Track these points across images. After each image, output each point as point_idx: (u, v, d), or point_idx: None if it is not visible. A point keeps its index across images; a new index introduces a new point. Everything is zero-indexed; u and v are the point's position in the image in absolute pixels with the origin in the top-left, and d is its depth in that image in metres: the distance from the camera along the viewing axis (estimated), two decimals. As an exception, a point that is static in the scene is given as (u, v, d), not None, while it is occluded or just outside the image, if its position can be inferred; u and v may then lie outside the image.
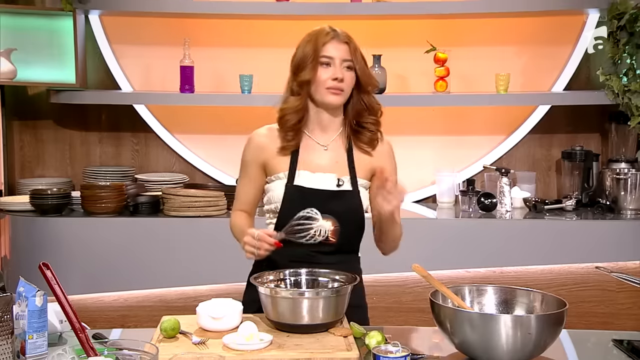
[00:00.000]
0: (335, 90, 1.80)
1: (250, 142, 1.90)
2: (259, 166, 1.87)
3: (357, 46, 1.83)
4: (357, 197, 1.83)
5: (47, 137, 3.55)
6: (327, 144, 1.86)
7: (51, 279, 1.43)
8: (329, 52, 1.80)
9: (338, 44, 1.81)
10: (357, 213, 1.83)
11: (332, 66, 1.80)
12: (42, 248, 3.03)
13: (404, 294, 3.03)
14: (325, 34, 1.82)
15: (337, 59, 1.80)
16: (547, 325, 1.46)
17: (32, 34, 3.32)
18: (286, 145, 1.84)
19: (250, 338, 1.52)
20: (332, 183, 1.82)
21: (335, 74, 1.79)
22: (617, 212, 3.16)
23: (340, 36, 1.82)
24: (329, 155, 1.86)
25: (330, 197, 1.80)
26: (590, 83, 3.41)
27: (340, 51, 1.81)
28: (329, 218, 1.72)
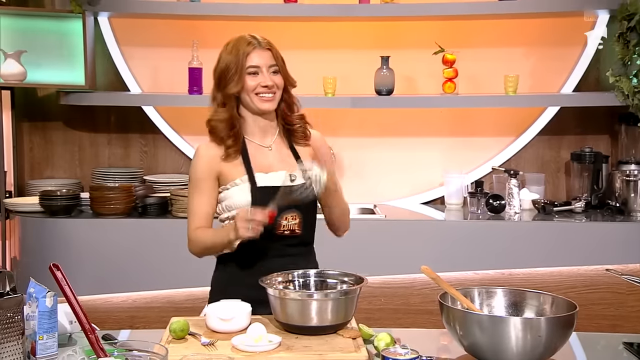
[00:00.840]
0: (266, 96, 1.86)
1: (199, 154, 1.92)
2: (213, 179, 1.89)
3: (277, 49, 1.89)
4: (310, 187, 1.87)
5: (57, 138, 3.57)
6: (269, 144, 1.92)
7: (61, 280, 1.43)
8: (254, 61, 1.85)
9: (261, 51, 1.86)
10: (313, 202, 1.89)
11: (260, 74, 1.85)
12: (51, 249, 3.05)
13: (413, 296, 3.02)
14: (247, 43, 1.86)
15: (264, 66, 1.85)
16: (557, 327, 1.46)
17: (42, 36, 3.34)
18: (229, 151, 1.87)
19: (259, 339, 1.52)
20: (286, 180, 1.87)
21: (264, 82, 1.85)
22: (627, 214, 3.15)
23: (262, 44, 1.87)
24: (275, 155, 1.92)
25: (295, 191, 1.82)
26: (600, 84, 3.40)
27: (265, 58, 1.86)
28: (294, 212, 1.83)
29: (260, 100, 1.86)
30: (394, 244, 3.03)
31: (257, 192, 1.84)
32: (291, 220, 1.85)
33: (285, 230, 1.85)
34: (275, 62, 1.87)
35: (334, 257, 2.01)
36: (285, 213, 1.83)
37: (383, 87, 3.28)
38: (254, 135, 1.91)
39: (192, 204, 1.91)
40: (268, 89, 1.85)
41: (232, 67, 1.85)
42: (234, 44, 1.88)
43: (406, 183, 3.48)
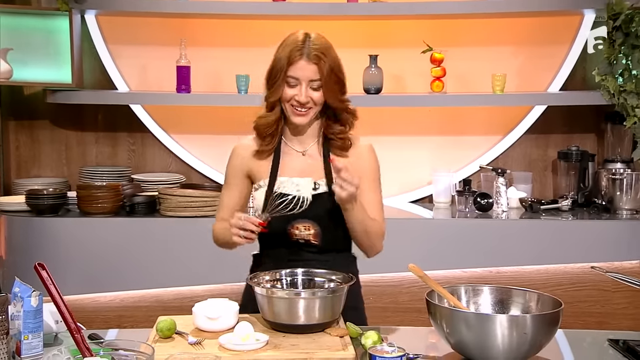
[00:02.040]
0: (298, 110, 1.80)
1: (234, 152, 1.94)
2: (244, 174, 1.90)
3: (330, 63, 1.77)
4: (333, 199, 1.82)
5: (43, 137, 3.55)
6: (304, 150, 1.89)
7: (47, 279, 1.43)
8: (295, 72, 1.77)
9: (306, 63, 1.76)
10: (336, 215, 1.81)
11: (298, 86, 1.78)
12: (38, 248, 3.03)
13: (401, 294, 3.03)
14: (295, 49, 1.77)
15: (304, 80, 1.77)
16: (543, 325, 1.47)
17: (29, 33, 3.31)
18: (263, 149, 1.87)
19: (247, 338, 1.52)
20: (309, 187, 1.84)
21: (299, 97, 1.78)
22: (613, 212, 3.17)
23: (310, 55, 1.76)
24: (306, 161, 1.88)
25: (310, 201, 1.82)
26: (586, 83, 3.42)
27: (308, 71, 1.77)
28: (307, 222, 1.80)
29: (293, 112, 1.80)
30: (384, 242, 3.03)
31: (270, 198, 1.83)
32: (304, 230, 1.81)
33: (299, 239, 1.82)
34: (319, 78, 1.76)
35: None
36: (296, 222, 1.80)
37: (371, 85, 3.29)
38: (292, 139, 1.88)
39: (222, 195, 1.95)
40: (300, 104, 1.78)
41: (276, 70, 1.79)
42: (286, 43, 1.80)
43: (394, 181, 3.49)
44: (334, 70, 1.79)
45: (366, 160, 1.90)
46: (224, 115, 3.49)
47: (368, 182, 1.87)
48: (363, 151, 1.90)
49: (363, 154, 1.90)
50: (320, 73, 1.77)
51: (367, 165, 1.89)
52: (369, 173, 1.89)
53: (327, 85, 1.78)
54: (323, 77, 1.77)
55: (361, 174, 1.81)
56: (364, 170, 1.86)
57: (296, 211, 1.77)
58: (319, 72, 1.77)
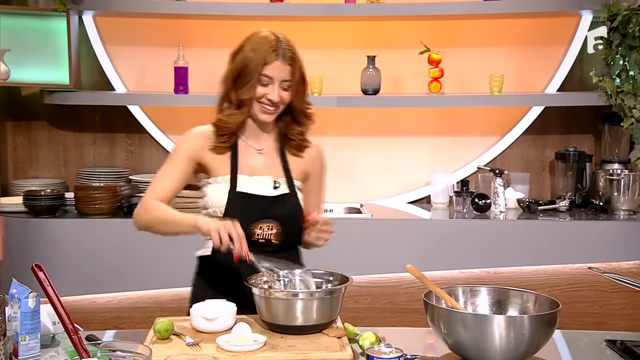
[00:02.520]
0: (267, 108, 1.82)
1: (190, 136, 1.90)
2: (194, 162, 1.87)
3: (300, 65, 1.82)
4: (295, 198, 1.88)
5: (41, 138, 3.54)
6: (261, 148, 1.90)
7: (44, 281, 1.42)
8: (270, 72, 1.79)
9: (282, 64, 1.79)
10: (296, 215, 1.86)
11: (270, 85, 1.80)
12: (35, 249, 3.02)
13: (399, 295, 3.03)
14: (271, 50, 1.78)
15: (277, 79, 1.80)
16: (540, 325, 1.47)
17: (26, 34, 3.31)
18: (220, 146, 1.86)
19: (244, 339, 1.52)
20: (269, 186, 1.85)
21: (271, 95, 1.80)
22: (610, 212, 3.18)
23: (285, 55, 1.79)
24: (264, 159, 1.89)
25: (271, 202, 1.83)
26: (584, 84, 3.43)
27: (282, 72, 1.79)
28: (271, 222, 1.81)
29: (261, 110, 1.82)
30: (380, 243, 3.04)
31: (234, 197, 1.82)
32: (266, 230, 1.82)
33: (260, 239, 1.81)
34: (290, 79, 1.80)
35: (320, 256, 2.01)
36: (260, 222, 1.80)
37: (369, 86, 3.29)
38: (249, 136, 1.88)
39: (158, 175, 1.88)
40: (271, 103, 1.81)
41: (249, 69, 1.79)
42: (258, 43, 1.80)
43: (392, 182, 3.49)
44: (302, 73, 1.84)
45: (317, 163, 1.96)
46: (221, 116, 3.49)
47: (315, 184, 1.96)
48: (315, 153, 1.95)
49: (315, 156, 1.95)
50: (292, 74, 1.81)
51: (318, 167, 1.97)
52: (318, 175, 1.97)
53: (296, 86, 1.83)
54: (295, 78, 1.81)
55: (311, 175, 1.93)
56: (314, 172, 1.95)
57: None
58: (291, 73, 1.80)
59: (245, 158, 1.87)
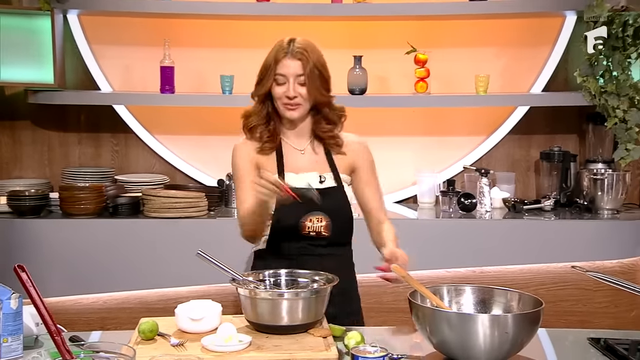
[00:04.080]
0: (289, 106, 1.90)
1: (238, 149, 2.00)
2: (253, 165, 1.95)
3: (313, 60, 1.89)
4: (342, 191, 1.95)
5: (25, 137, 3.51)
6: (303, 148, 1.97)
7: (27, 281, 1.41)
8: (282, 69, 1.89)
9: (291, 60, 1.88)
10: (345, 207, 1.95)
11: (286, 83, 1.89)
12: (19, 250, 3.00)
13: (385, 294, 3.03)
14: (280, 49, 1.90)
15: (290, 76, 1.89)
16: (524, 324, 1.48)
17: (10, 33, 3.27)
18: (264, 146, 1.94)
19: (229, 339, 1.52)
20: (315, 180, 1.92)
21: (287, 92, 1.89)
22: (595, 212, 3.20)
23: (294, 52, 1.89)
24: (308, 157, 1.97)
25: (322, 194, 1.87)
26: (568, 84, 3.45)
27: (293, 68, 1.88)
28: (320, 214, 1.88)
29: (285, 108, 1.91)
30: (367, 242, 3.03)
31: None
32: (316, 222, 1.89)
33: (310, 231, 1.89)
34: (303, 73, 1.88)
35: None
36: (309, 215, 1.88)
37: (356, 86, 3.29)
38: (289, 137, 1.98)
39: (238, 193, 1.96)
40: (289, 99, 1.89)
41: (265, 70, 1.92)
42: (274, 46, 1.93)
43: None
44: (316, 66, 1.90)
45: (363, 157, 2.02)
46: (208, 116, 3.48)
47: (367, 178, 2.01)
48: (358, 146, 2.02)
49: (359, 149, 2.02)
50: (303, 68, 1.88)
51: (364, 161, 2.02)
52: (366, 169, 2.02)
53: (310, 79, 1.88)
54: (306, 72, 1.88)
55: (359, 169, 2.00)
56: (361, 167, 2.01)
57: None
58: (302, 67, 1.88)
59: (290, 157, 1.95)
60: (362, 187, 2.00)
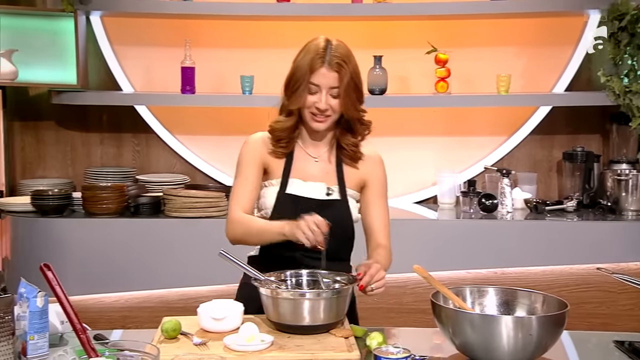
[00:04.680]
0: (317, 118, 1.81)
1: (249, 142, 1.91)
2: (260, 166, 1.88)
3: (350, 71, 1.78)
4: (345, 206, 1.85)
5: (48, 138, 3.56)
6: (318, 155, 1.89)
7: (52, 280, 1.43)
8: (316, 79, 1.78)
9: (327, 71, 1.77)
10: (346, 222, 1.85)
11: (318, 93, 1.79)
12: (43, 249, 3.04)
13: (405, 295, 3.02)
14: (318, 57, 1.77)
15: (324, 87, 1.78)
16: (548, 326, 1.46)
17: (34, 35, 3.32)
18: (279, 150, 1.87)
19: (251, 339, 1.52)
20: (322, 192, 1.85)
21: (318, 104, 1.78)
22: (619, 213, 3.16)
23: (332, 62, 1.76)
24: (320, 166, 1.89)
25: (320, 205, 1.82)
26: (592, 84, 3.41)
27: (329, 79, 1.77)
28: None
29: (312, 118, 1.81)
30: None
31: (282, 199, 1.83)
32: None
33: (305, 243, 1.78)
34: (338, 85, 1.77)
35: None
36: None
37: (376, 86, 3.28)
38: (307, 143, 1.89)
39: (235, 188, 1.88)
40: (320, 111, 1.79)
41: (297, 77, 1.80)
42: (308, 50, 1.80)
43: (399, 182, 3.48)
44: (353, 79, 1.79)
45: (375, 173, 1.92)
46: (228, 116, 3.50)
47: (375, 195, 1.90)
48: (372, 163, 1.92)
49: (373, 166, 1.92)
50: (340, 81, 1.77)
51: (376, 178, 1.92)
52: (381, 186, 1.92)
53: (346, 93, 1.78)
54: (342, 85, 1.77)
55: (369, 185, 1.89)
56: (372, 183, 1.90)
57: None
58: (339, 80, 1.77)
59: (301, 164, 1.87)
60: (368, 205, 1.89)
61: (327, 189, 1.85)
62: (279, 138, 1.87)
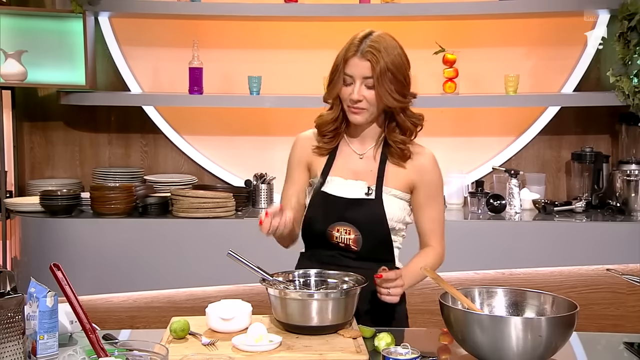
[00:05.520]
0: (353, 109, 1.75)
1: (296, 142, 1.90)
2: (305, 166, 1.87)
3: (386, 60, 1.69)
4: (379, 206, 1.77)
5: (57, 138, 3.57)
6: (363, 152, 1.83)
7: (62, 280, 1.43)
8: (349, 69, 1.72)
9: (359, 60, 1.70)
10: (379, 222, 1.77)
11: (353, 85, 1.73)
12: (51, 249, 3.05)
13: (413, 296, 2.99)
14: (352, 46, 1.72)
15: (358, 77, 1.72)
16: (558, 327, 1.45)
17: (42, 36, 3.34)
18: (323, 145, 1.84)
19: (260, 339, 1.52)
20: (361, 191, 1.79)
21: (352, 95, 1.73)
22: (628, 213, 3.15)
23: (364, 51, 1.70)
24: (364, 164, 1.82)
25: (352, 205, 1.77)
26: (600, 84, 3.40)
27: (360, 68, 1.71)
28: (347, 226, 1.77)
29: (349, 111, 1.75)
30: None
31: (316, 196, 1.81)
32: (344, 234, 1.77)
33: (339, 242, 1.78)
34: (371, 75, 1.70)
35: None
36: (336, 224, 1.77)
37: (383, 87, 3.28)
38: (353, 139, 1.83)
39: (283, 190, 1.89)
40: (353, 102, 1.73)
41: (334, 68, 1.76)
42: (349, 40, 1.74)
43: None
44: (389, 68, 1.70)
45: (429, 174, 1.82)
46: (236, 117, 3.50)
47: (429, 198, 1.82)
48: (424, 163, 1.82)
49: (425, 166, 1.82)
50: (372, 70, 1.70)
51: (428, 179, 1.82)
52: (431, 188, 1.82)
53: (379, 82, 1.70)
54: (375, 74, 1.70)
55: (419, 187, 1.80)
56: (422, 184, 1.81)
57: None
58: (371, 69, 1.70)
59: (345, 161, 1.83)
60: (418, 209, 1.82)
61: (368, 188, 1.78)
62: (323, 133, 1.83)
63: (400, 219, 1.82)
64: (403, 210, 1.82)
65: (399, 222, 1.81)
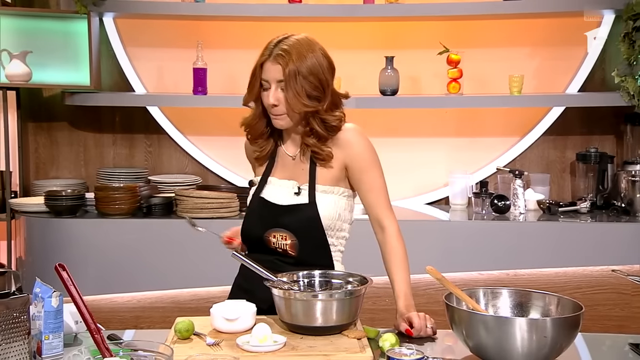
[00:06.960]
0: (274, 115, 1.73)
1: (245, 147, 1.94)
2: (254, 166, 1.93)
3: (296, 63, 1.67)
4: (313, 210, 1.75)
5: (62, 138, 3.58)
6: (294, 154, 1.81)
7: (67, 280, 1.44)
8: (264, 74, 1.71)
9: (272, 64, 1.69)
10: (313, 226, 1.75)
11: (269, 90, 1.71)
12: (56, 249, 3.06)
13: (417, 296, 2.97)
14: (266, 51, 1.71)
15: (272, 81, 1.70)
16: (563, 328, 1.45)
17: (47, 36, 3.35)
18: (258, 155, 1.85)
19: (264, 340, 1.52)
20: (291, 191, 1.78)
21: (266, 99, 1.72)
22: (633, 214, 3.14)
23: (274, 55, 1.68)
24: (295, 165, 1.81)
25: (287, 211, 1.77)
26: (605, 84, 3.39)
27: (273, 72, 1.69)
28: (283, 232, 1.77)
29: (272, 117, 1.74)
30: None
31: (254, 201, 1.83)
32: (280, 240, 1.77)
33: (277, 247, 1.78)
34: (283, 78, 1.68)
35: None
36: (272, 230, 1.77)
37: (387, 87, 3.28)
38: (285, 142, 1.83)
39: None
40: (271, 108, 1.72)
41: (252, 72, 1.75)
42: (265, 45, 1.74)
43: (410, 183, 3.48)
44: (299, 72, 1.68)
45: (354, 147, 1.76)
46: (240, 117, 3.47)
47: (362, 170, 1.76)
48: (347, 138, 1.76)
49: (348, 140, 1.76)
50: (283, 73, 1.68)
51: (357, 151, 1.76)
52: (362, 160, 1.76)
53: (287, 86, 1.68)
54: (285, 76, 1.68)
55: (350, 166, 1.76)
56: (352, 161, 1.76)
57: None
58: (282, 72, 1.68)
59: (279, 163, 1.84)
60: (356, 185, 1.77)
61: (298, 188, 1.77)
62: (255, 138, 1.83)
63: (336, 217, 1.77)
64: (338, 206, 1.77)
65: (335, 220, 1.78)
